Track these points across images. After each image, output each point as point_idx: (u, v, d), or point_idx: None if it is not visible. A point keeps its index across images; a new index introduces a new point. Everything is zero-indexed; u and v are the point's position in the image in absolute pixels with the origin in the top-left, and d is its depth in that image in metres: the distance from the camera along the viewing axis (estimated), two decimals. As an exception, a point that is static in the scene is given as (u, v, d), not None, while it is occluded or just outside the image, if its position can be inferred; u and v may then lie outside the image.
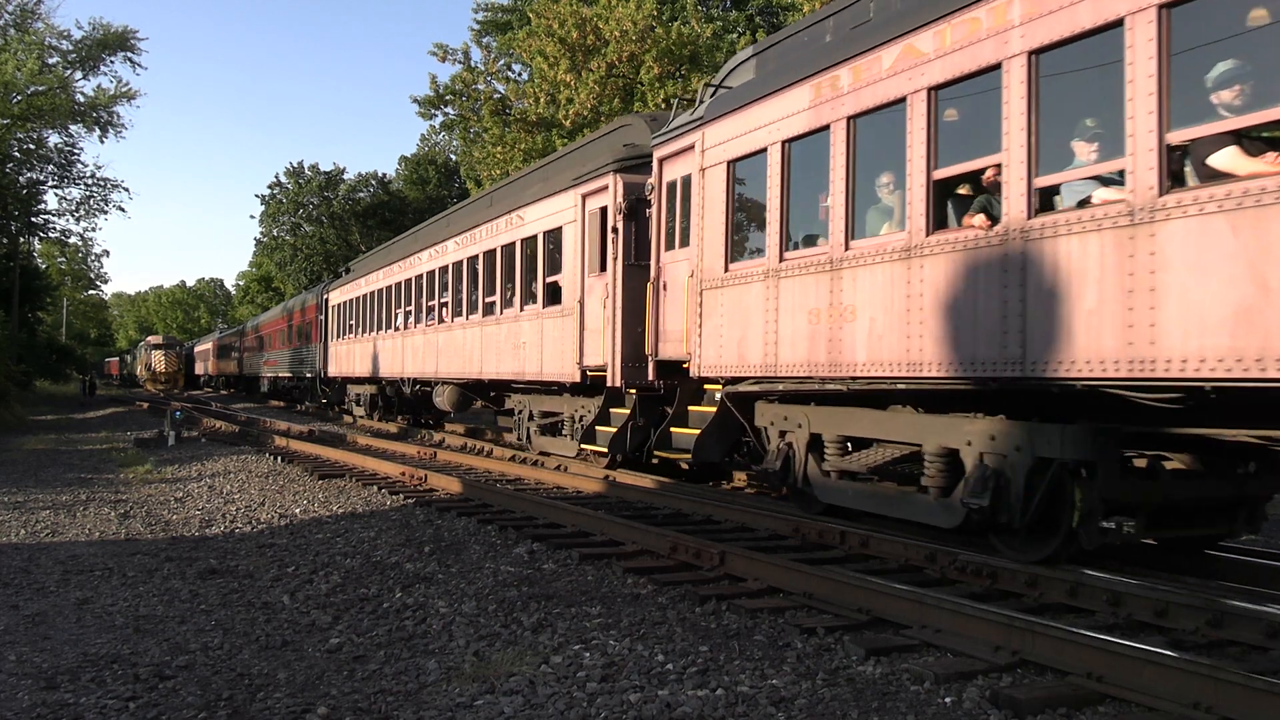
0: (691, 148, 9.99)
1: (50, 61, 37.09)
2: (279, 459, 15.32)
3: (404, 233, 27.03)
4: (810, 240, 8.56)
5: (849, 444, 8.37)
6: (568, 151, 15.64)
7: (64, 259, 76.64)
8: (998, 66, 6.42)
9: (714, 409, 10.13)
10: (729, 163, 9.32)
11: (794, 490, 8.94)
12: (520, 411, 15.76)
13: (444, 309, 18.53)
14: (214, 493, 12.07)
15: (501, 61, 32.41)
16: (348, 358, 26.54)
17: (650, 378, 11.03)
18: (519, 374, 14.72)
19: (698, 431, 10.33)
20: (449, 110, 33.29)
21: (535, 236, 14.23)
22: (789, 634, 5.43)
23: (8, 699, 4.62)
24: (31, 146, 39.90)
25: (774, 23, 28.40)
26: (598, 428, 12.57)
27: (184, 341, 78.74)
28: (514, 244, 15.08)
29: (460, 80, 31.15)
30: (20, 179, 40.94)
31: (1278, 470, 6.77)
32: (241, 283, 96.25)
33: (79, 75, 38.89)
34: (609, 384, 11.79)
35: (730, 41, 26.09)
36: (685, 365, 10.19)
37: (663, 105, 23.69)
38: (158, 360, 63.85)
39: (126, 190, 65.94)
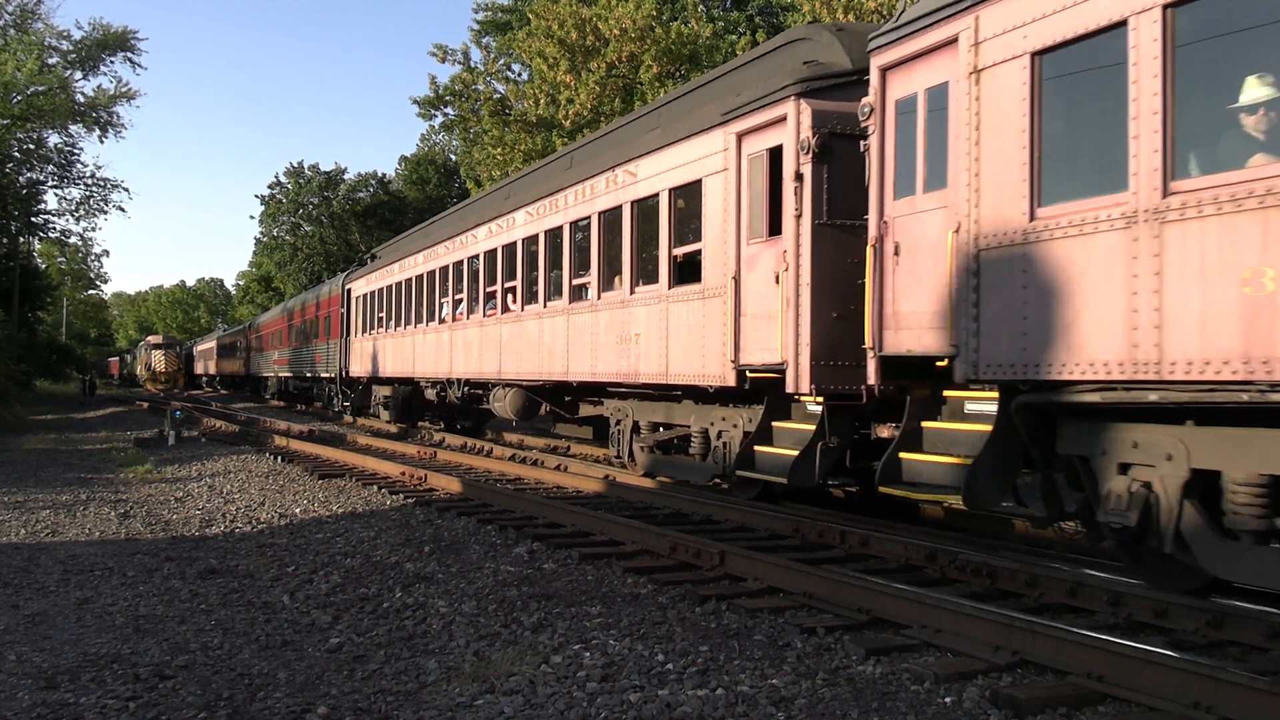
0: (951, 43, 6.91)
1: (50, 61, 37.07)
2: (279, 459, 15.32)
3: (445, 212, 23.11)
4: (1238, 157, 5.28)
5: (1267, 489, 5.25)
6: (701, 84, 11.72)
7: (64, 259, 76.64)
8: None
9: (984, 428, 6.84)
10: (1033, 55, 6.26)
11: (1151, 554, 5.91)
12: (619, 422, 12.39)
13: (509, 296, 15.06)
14: (214, 492, 12.07)
15: (501, 62, 32.40)
16: (376, 355, 23.13)
17: (871, 379, 7.69)
18: (628, 374, 11.21)
19: (954, 460, 6.97)
20: (449, 111, 33.29)
21: (655, 197, 10.83)
22: (789, 634, 5.43)
23: (8, 699, 4.62)
24: (31, 146, 39.92)
25: (774, 23, 28.40)
26: (758, 449, 9.23)
27: (184, 341, 78.72)
28: (619, 209, 11.57)
29: (460, 81, 31.15)
30: (20, 179, 40.93)
31: None
32: (241, 283, 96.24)
33: (79, 75, 38.91)
34: (790, 388, 8.58)
35: (730, 41, 26.08)
36: (938, 362, 7.16)
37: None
38: (158, 360, 63.83)
39: (126, 190, 65.85)
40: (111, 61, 39.44)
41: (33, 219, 43.80)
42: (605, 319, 11.89)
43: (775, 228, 8.89)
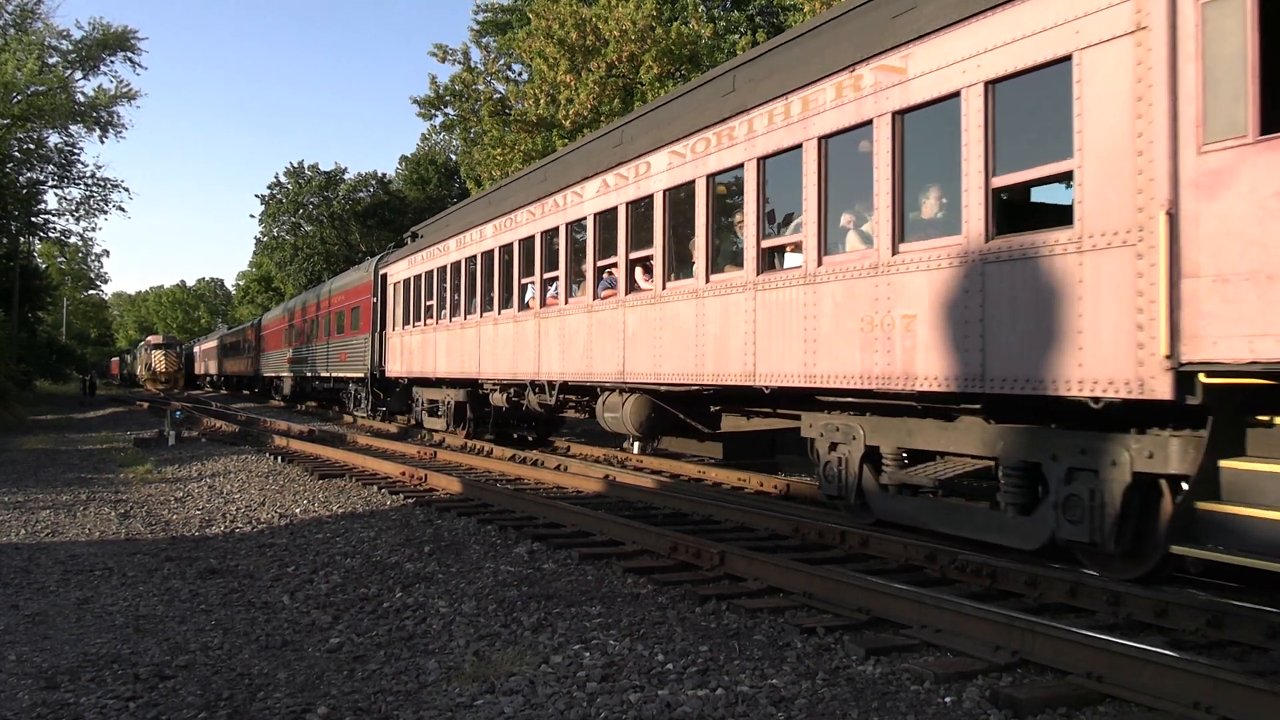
0: None
1: (50, 61, 37.07)
2: (279, 459, 15.32)
3: (520, 173, 17.43)
4: None
5: None
6: None
7: (64, 259, 76.64)
8: None
9: None
10: None
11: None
12: (836, 447, 8.40)
13: (638, 270, 11.04)
14: (214, 492, 12.06)
15: (501, 62, 32.39)
16: (420, 352, 19.11)
17: None
18: (888, 377, 7.35)
19: None
20: (449, 111, 33.28)
21: (951, 99, 6.85)
22: (789, 634, 5.43)
23: (8, 699, 4.62)
24: (31, 146, 39.91)
25: (774, 23, 28.38)
26: (1209, 508, 5.41)
27: (184, 341, 78.72)
28: (868, 125, 7.56)
29: (460, 81, 31.15)
30: (20, 179, 40.92)
31: None
32: (241, 283, 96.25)
33: (79, 75, 38.89)
34: None
35: (731, 41, 26.07)
36: None
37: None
38: (158, 360, 63.87)
39: (126, 190, 65.83)
40: (111, 61, 39.46)
41: (33, 219, 43.79)
42: (833, 297, 7.89)
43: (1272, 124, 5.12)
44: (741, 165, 9.11)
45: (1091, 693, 4.38)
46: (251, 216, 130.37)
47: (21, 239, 46.33)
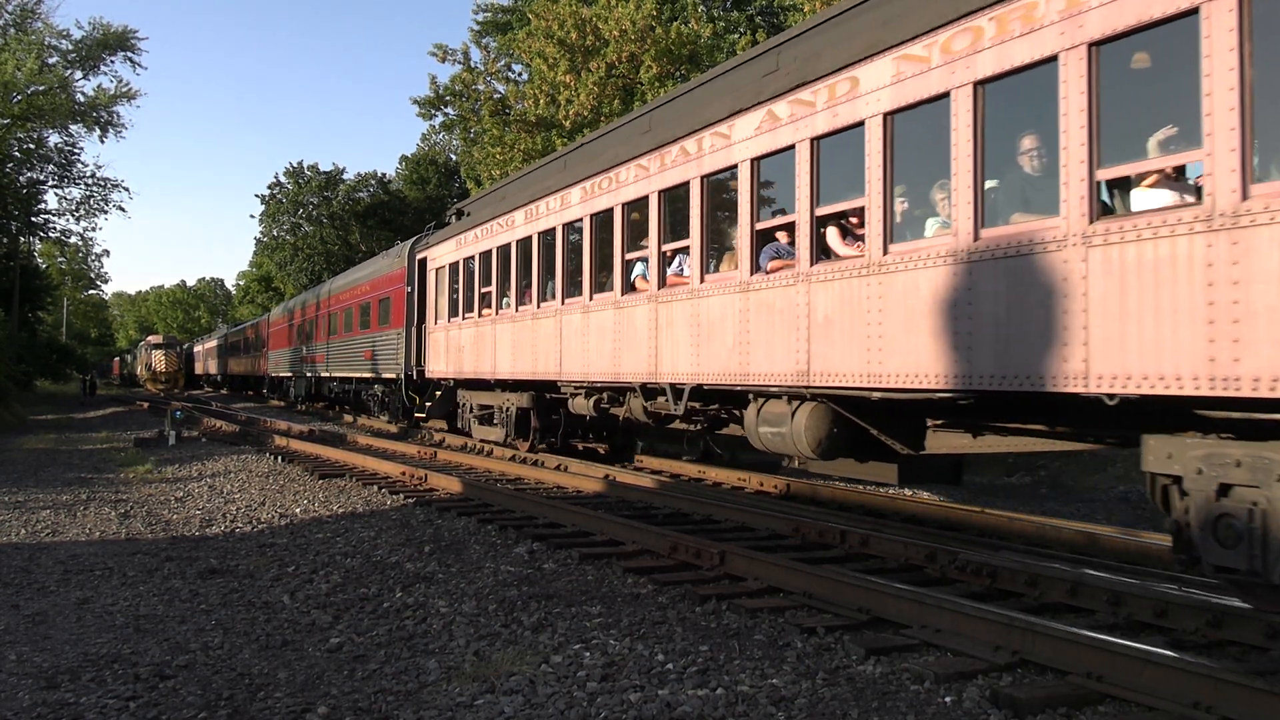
0: None
1: (50, 61, 37.05)
2: (279, 459, 15.32)
3: (620, 121, 12.77)
4: None
5: None
6: None
7: (64, 259, 76.68)
8: None
9: None
10: None
11: None
12: (1230, 494, 5.05)
13: (829, 232, 7.99)
14: (214, 492, 12.07)
15: (501, 62, 32.39)
16: (473, 349, 15.80)
17: None
18: None
19: None
20: (449, 111, 33.27)
21: None
22: (789, 633, 5.43)
23: (8, 698, 4.62)
24: (31, 146, 39.90)
25: (774, 23, 28.38)
26: None
27: (184, 341, 78.73)
28: None
29: (460, 81, 31.14)
30: (20, 179, 40.92)
31: None
32: (241, 283, 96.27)
33: (79, 75, 38.90)
34: None
35: (731, 41, 26.07)
36: None
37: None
38: (158, 360, 63.88)
39: (126, 190, 65.99)
40: (111, 61, 39.46)
41: (33, 219, 43.82)
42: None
43: None
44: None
45: (1091, 693, 4.38)
46: (251, 217, 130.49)
47: (21, 239, 46.36)
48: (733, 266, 9.07)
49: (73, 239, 49.90)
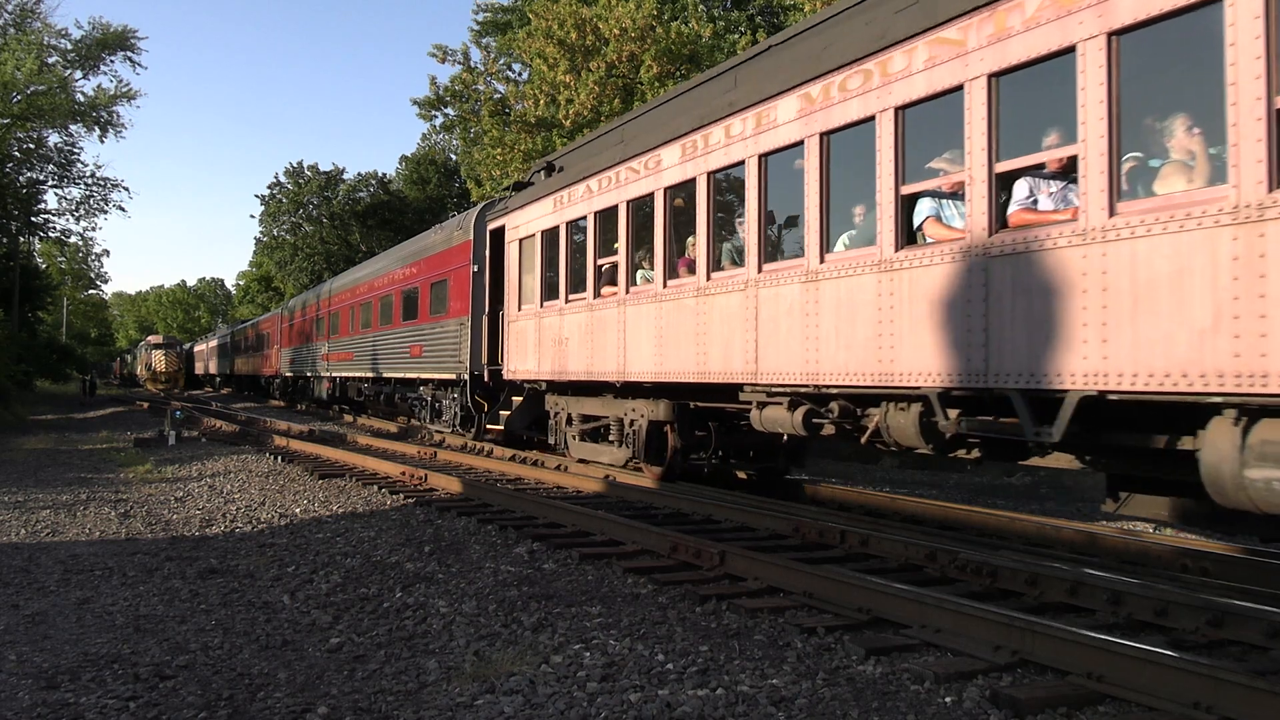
0: None
1: (50, 61, 37.08)
2: (279, 459, 15.31)
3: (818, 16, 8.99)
4: None
5: None
6: None
7: (64, 259, 76.70)
8: None
9: None
10: None
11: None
12: None
13: None
14: (214, 492, 12.07)
15: (501, 62, 32.39)
16: (582, 340, 12.08)
17: None
18: None
19: None
20: (449, 111, 33.27)
21: None
22: (789, 633, 5.43)
23: (8, 699, 4.62)
24: (31, 146, 39.92)
25: (774, 23, 28.38)
26: None
27: (184, 342, 78.72)
28: None
29: (460, 81, 31.14)
30: (20, 179, 40.93)
31: None
32: (241, 283, 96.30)
33: (79, 75, 38.92)
34: None
35: (731, 41, 26.07)
36: None
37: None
38: (158, 360, 63.91)
39: (126, 190, 66.05)
40: (111, 61, 39.50)
41: (33, 219, 43.82)
42: None
43: None
44: None
45: (1092, 692, 4.38)
46: (251, 216, 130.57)
47: (21, 239, 46.35)
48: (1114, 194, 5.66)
49: (73, 239, 50.01)
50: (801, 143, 8.25)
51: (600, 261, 11.74)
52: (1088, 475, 12.82)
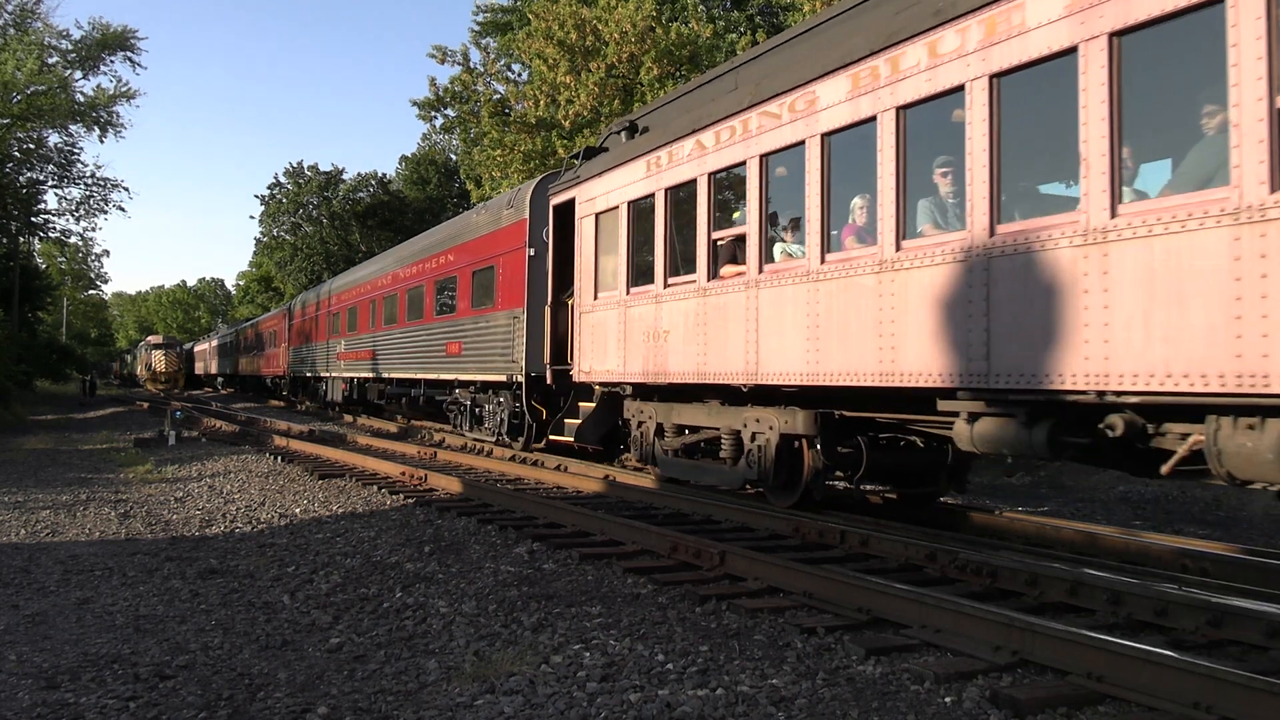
0: None
1: (50, 61, 37.07)
2: (279, 459, 15.31)
3: None
4: None
5: None
6: None
7: (64, 259, 76.73)
8: None
9: None
10: None
11: None
12: None
13: None
14: (214, 492, 12.06)
15: (501, 62, 32.39)
16: (689, 334, 9.82)
17: None
18: None
19: None
20: (449, 112, 33.27)
21: None
22: (789, 634, 5.43)
23: (8, 699, 4.62)
24: (31, 146, 39.91)
25: (774, 23, 28.39)
26: None
27: (184, 342, 78.74)
28: None
29: (459, 82, 31.14)
30: (20, 179, 40.93)
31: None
32: (241, 283, 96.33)
33: (79, 75, 38.92)
34: None
35: (730, 41, 26.08)
36: None
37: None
38: (158, 360, 63.93)
39: (126, 190, 66.08)
40: (111, 61, 39.48)
41: (33, 219, 43.81)
42: None
43: None
44: None
45: (1091, 692, 4.38)
46: (251, 217, 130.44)
47: (21, 239, 46.36)
48: None
49: (73, 239, 49.97)
50: (1071, 51, 5.84)
51: (718, 235, 9.42)
52: (1088, 475, 12.83)
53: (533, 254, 14.68)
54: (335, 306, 28.59)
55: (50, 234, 46.33)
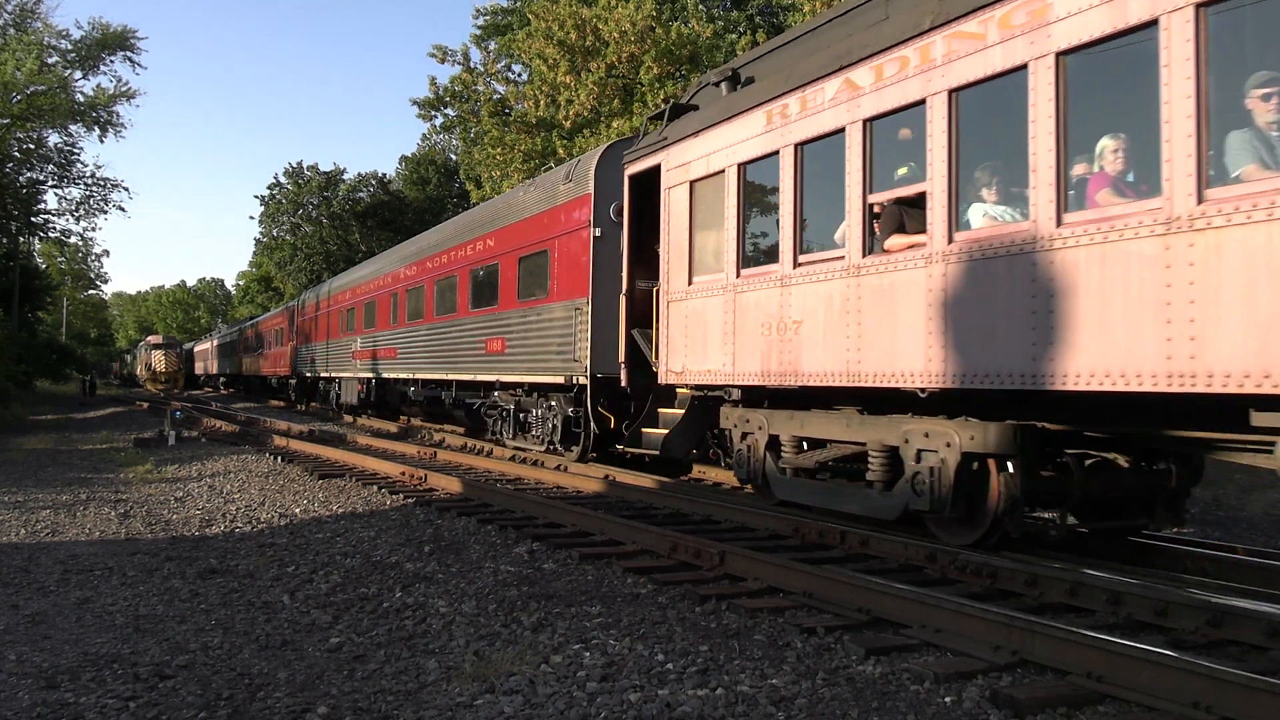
0: None
1: (50, 61, 37.07)
2: (279, 459, 15.31)
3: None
4: None
5: None
6: None
7: (64, 259, 76.73)
8: None
9: None
10: None
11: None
12: None
13: None
14: (214, 492, 12.06)
15: (502, 63, 32.40)
16: (829, 327, 7.90)
17: None
18: None
19: None
20: (449, 112, 33.28)
21: None
22: (789, 633, 5.43)
23: (8, 699, 4.62)
24: (31, 146, 39.91)
25: (774, 23, 28.40)
26: None
27: (184, 342, 78.75)
28: None
29: (460, 82, 31.15)
30: (20, 179, 40.92)
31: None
32: (241, 283, 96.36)
33: (79, 75, 38.92)
34: None
35: (730, 41, 26.08)
36: None
37: (663, 106, 23.59)
38: (158, 360, 63.95)
39: (126, 190, 66.01)
40: (111, 61, 39.48)
41: (33, 219, 43.81)
42: None
43: None
44: None
45: (1091, 692, 4.38)
46: (251, 218, 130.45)
47: (21, 239, 46.35)
48: None
49: (72, 239, 49.97)
50: None
51: (877, 198, 7.56)
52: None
53: (599, 234, 12.73)
54: (350, 302, 26.69)
55: (50, 234, 46.36)
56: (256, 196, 67.39)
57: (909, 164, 7.37)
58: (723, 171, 9.29)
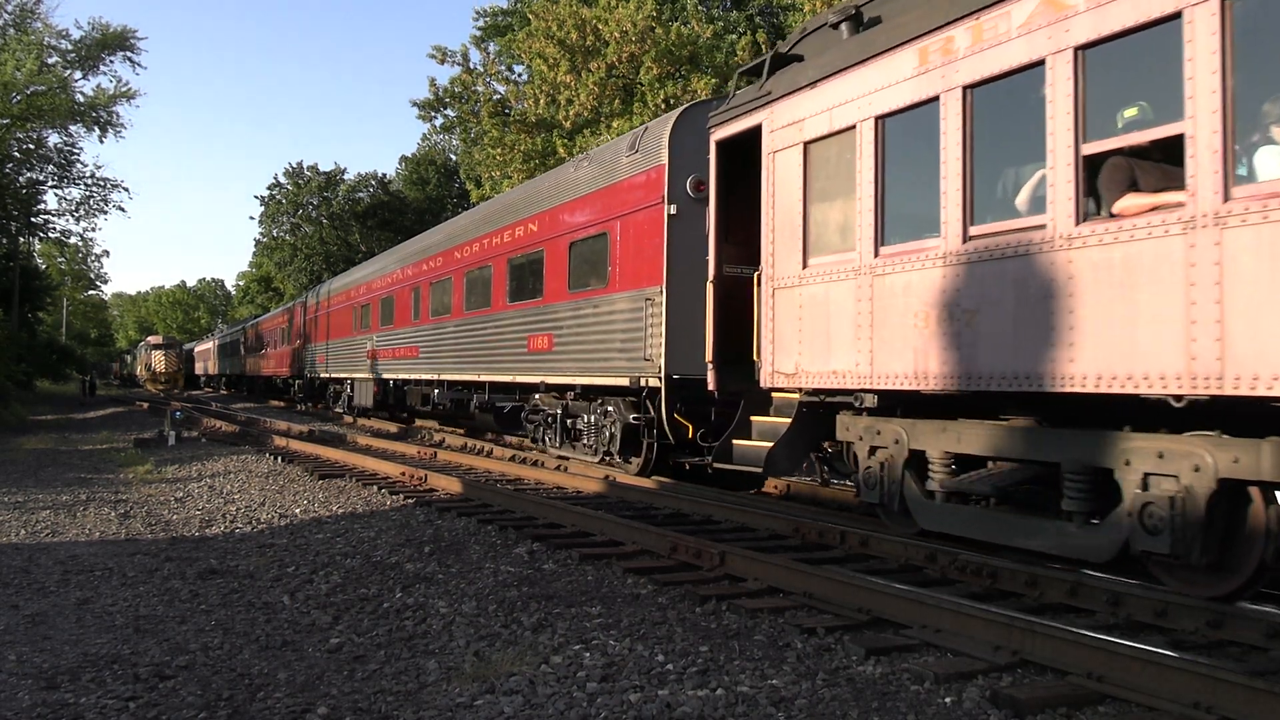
0: None
1: (50, 61, 37.07)
2: (279, 459, 15.31)
3: None
4: None
5: None
6: None
7: (64, 259, 76.74)
8: None
9: None
10: None
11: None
12: None
13: None
14: (214, 493, 12.06)
15: (502, 63, 32.41)
16: (1017, 318, 6.23)
17: None
18: None
19: None
20: (449, 112, 33.29)
21: None
22: (789, 634, 5.43)
23: (8, 699, 4.62)
24: (31, 146, 39.89)
25: (774, 23, 28.41)
26: None
27: (184, 342, 78.76)
28: None
29: (459, 82, 31.16)
30: (20, 179, 40.91)
31: None
32: (241, 283, 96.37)
33: (79, 75, 38.90)
34: None
35: (730, 42, 26.09)
36: None
37: (663, 106, 23.62)
38: (158, 360, 63.97)
39: (126, 190, 65.98)
40: (111, 61, 39.45)
41: (33, 219, 43.78)
42: None
43: None
44: None
45: (1092, 693, 4.38)
46: (251, 218, 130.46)
47: (21, 239, 46.34)
48: None
49: (72, 239, 49.92)
50: None
51: (1095, 147, 5.86)
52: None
53: (674, 212, 10.98)
54: (364, 298, 24.81)
55: (50, 234, 46.34)
56: (256, 197, 67.42)
57: (1139, 104, 5.84)
58: (853, 127, 7.62)
